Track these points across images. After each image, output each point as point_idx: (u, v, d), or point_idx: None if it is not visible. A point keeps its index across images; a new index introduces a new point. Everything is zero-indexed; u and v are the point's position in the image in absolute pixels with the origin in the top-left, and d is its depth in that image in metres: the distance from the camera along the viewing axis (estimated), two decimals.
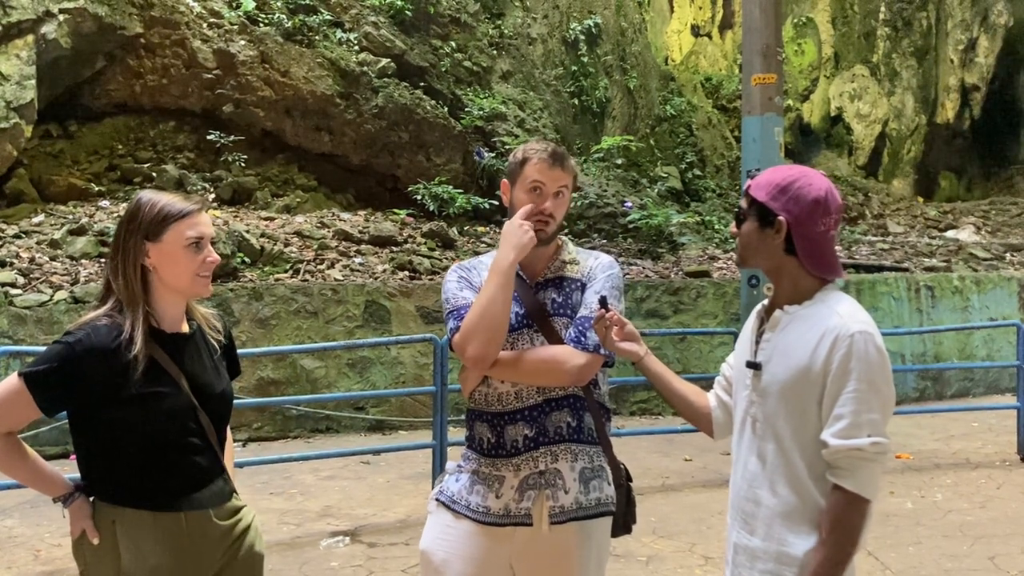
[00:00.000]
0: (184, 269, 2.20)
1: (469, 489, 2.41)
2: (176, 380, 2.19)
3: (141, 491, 2.17)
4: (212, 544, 2.24)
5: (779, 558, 2.02)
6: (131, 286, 2.17)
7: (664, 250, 11.09)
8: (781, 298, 2.11)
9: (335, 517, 5.77)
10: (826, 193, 2.04)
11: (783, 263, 2.08)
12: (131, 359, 2.11)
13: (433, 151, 11.26)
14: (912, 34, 19.36)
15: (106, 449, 2.17)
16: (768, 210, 2.05)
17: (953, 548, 5.19)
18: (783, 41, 8.62)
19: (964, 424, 8.71)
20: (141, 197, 2.23)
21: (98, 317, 2.16)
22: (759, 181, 2.11)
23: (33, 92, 9.03)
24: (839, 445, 1.93)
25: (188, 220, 2.20)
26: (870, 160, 19.03)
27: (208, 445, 2.26)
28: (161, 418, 2.16)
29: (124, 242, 2.19)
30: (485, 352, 2.31)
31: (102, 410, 2.13)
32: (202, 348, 2.32)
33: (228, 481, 2.33)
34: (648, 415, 8.98)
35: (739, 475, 2.15)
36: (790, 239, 2.04)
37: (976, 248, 13.10)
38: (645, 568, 4.85)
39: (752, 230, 2.09)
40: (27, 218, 9.02)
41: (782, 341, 2.06)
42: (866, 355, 1.94)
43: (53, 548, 5.11)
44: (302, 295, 8.09)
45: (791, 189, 2.04)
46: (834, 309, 2.01)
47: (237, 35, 10.51)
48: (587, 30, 13.41)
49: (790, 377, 2.01)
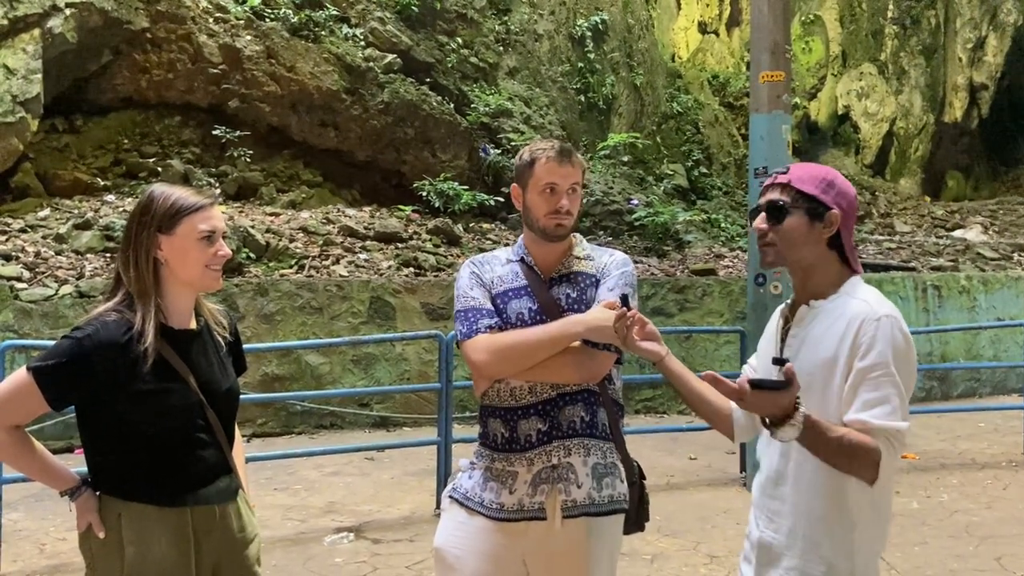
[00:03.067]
0: (196, 262, 2.20)
1: (482, 486, 2.41)
2: (184, 377, 2.18)
3: (148, 486, 2.17)
4: (216, 540, 2.24)
5: (804, 555, 2.01)
6: (143, 278, 2.17)
7: (670, 248, 11.07)
8: (808, 293, 2.10)
9: (339, 513, 5.77)
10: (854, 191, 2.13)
11: (824, 257, 2.08)
12: (140, 354, 2.11)
13: (439, 147, 11.25)
14: (920, 32, 19.28)
15: (113, 444, 2.17)
16: (819, 203, 2.05)
17: (959, 548, 5.16)
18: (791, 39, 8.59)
19: (970, 424, 8.68)
20: (154, 190, 2.24)
21: (107, 312, 2.16)
22: (801, 176, 2.09)
23: (39, 86, 9.03)
24: (880, 425, 1.90)
25: (201, 214, 2.20)
26: (877, 159, 18.96)
27: (215, 442, 2.26)
28: (168, 414, 2.16)
29: (136, 234, 2.19)
30: (497, 373, 2.35)
31: (110, 405, 2.13)
32: (209, 345, 2.31)
33: (234, 478, 2.33)
34: (653, 413, 8.96)
35: (765, 473, 2.14)
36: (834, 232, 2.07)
37: (983, 248, 13.05)
38: (650, 566, 4.84)
39: (801, 223, 2.06)
40: (33, 212, 9.03)
41: (809, 335, 2.05)
42: (892, 339, 1.94)
43: (58, 542, 5.11)
44: (307, 291, 8.09)
45: (836, 184, 2.08)
46: (859, 298, 2.02)
47: (243, 30, 10.50)
48: (594, 27, 13.37)
49: (817, 370, 2.00)
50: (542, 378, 2.35)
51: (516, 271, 2.46)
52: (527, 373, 2.34)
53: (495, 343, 2.33)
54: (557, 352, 2.32)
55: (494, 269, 2.47)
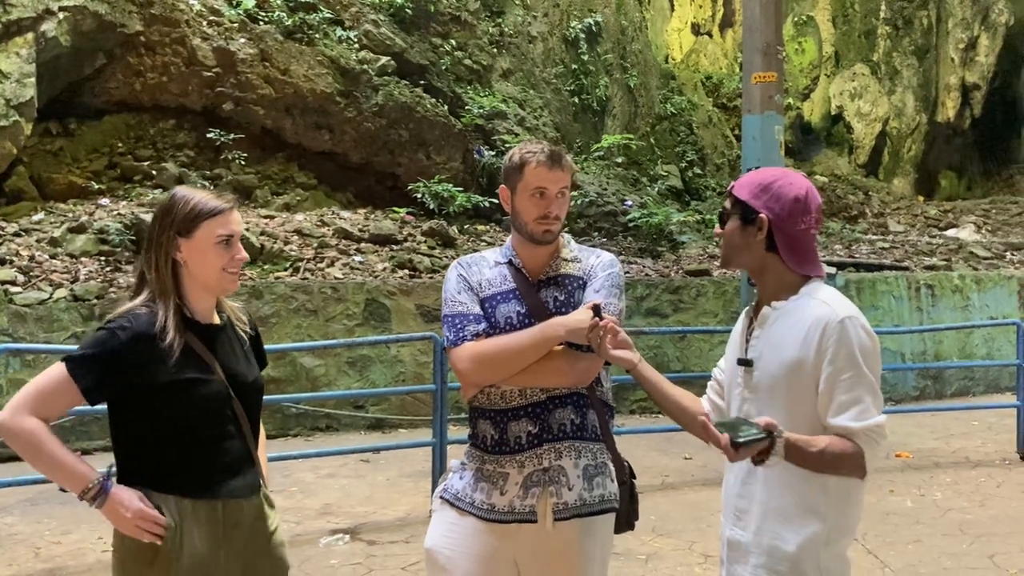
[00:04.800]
0: (213, 265, 2.26)
1: (473, 486, 2.41)
2: (211, 366, 2.24)
3: (180, 478, 2.21)
4: (243, 534, 2.28)
5: (772, 552, 2.04)
6: (163, 279, 2.24)
7: (664, 249, 11.09)
8: (767, 295, 2.15)
9: (335, 515, 5.78)
10: (806, 192, 2.10)
11: (766, 261, 2.12)
12: (169, 346, 2.17)
13: (433, 149, 11.26)
14: (913, 33, 19.35)
15: (146, 437, 2.20)
16: (750, 208, 2.10)
17: (953, 546, 5.18)
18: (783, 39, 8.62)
19: (964, 423, 8.71)
20: (176, 193, 2.30)
21: (136, 306, 2.23)
22: (742, 181, 2.17)
23: (33, 90, 9.02)
24: (859, 427, 1.96)
25: (220, 218, 2.26)
26: (870, 159, 19.02)
27: (241, 434, 2.31)
28: (197, 405, 2.21)
29: (158, 236, 2.25)
30: (484, 381, 2.35)
31: (142, 397, 2.17)
32: (233, 339, 2.38)
33: (259, 473, 2.37)
34: (648, 413, 8.97)
35: (733, 472, 2.16)
36: (771, 237, 2.09)
37: (976, 247, 13.10)
38: (645, 566, 4.85)
39: (735, 228, 2.13)
40: (27, 216, 9.02)
41: (771, 336, 2.09)
42: (858, 339, 1.99)
43: (53, 545, 5.11)
44: (302, 293, 8.09)
45: (772, 188, 2.10)
46: (819, 299, 2.05)
47: (237, 33, 10.50)
48: (587, 28, 13.40)
49: (782, 370, 2.04)
50: (532, 384, 2.36)
51: (504, 274, 2.46)
52: (516, 379, 2.34)
53: (480, 351, 2.33)
54: (545, 357, 2.32)
55: (482, 272, 2.47)
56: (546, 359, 2.33)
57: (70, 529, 5.37)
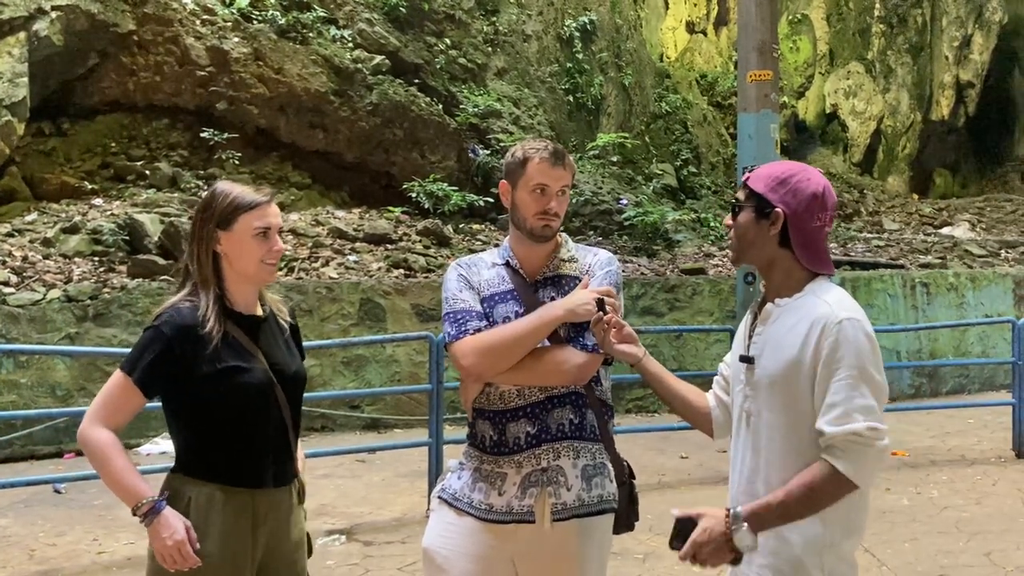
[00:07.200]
0: (251, 256, 2.33)
1: (471, 487, 2.41)
2: (253, 355, 2.33)
3: (221, 466, 2.29)
4: (270, 525, 2.34)
5: (776, 551, 2.01)
6: (204, 270, 2.33)
7: (660, 247, 11.09)
8: (772, 292, 2.12)
9: (331, 515, 5.76)
10: (824, 189, 2.07)
11: (777, 256, 2.08)
12: (208, 333, 2.26)
13: (428, 148, 11.24)
14: (907, 31, 19.38)
15: (192, 425, 2.31)
16: (766, 201, 2.06)
17: (949, 544, 5.19)
18: (778, 38, 8.62)
19: (960, 421, 8.72)
20: (216, 187, 2.39)
21: (179, 301, 2.32)
22: (758, 173, 2.12)
23: (25, 90, 8.98)
24: (835, 432, 1.92)
25: (257, 211, 2.33)
26: (865, 157, 19.05)
27: (283, 425, 2.38)
28: (241, 392, 2.29)
29: (200, 229, 2.35)
30: (486, 373, 2.34)
31: (189, 387, 2.26)
32: (275, 329, 2.46)
33: (293, 463, 2.45)
34: (644, 413, 8.97)
35: (737, 470, 2.15)
36: (785, 232, 2.05)
37: (971, 245, 13.13)
38: (642, 565, 4.84)
39: (748, 221, 2.09)
40: (20, 216, 8.98)
41: (773, 334, 2.06)
42: (855, 342, 1.94)
43: (47, 547, 5.08)
44: (297, 293, 8.06)
45: (790, 182, 2.06)
46: (822, 299, 2.01)
47: (230, 32, 10.47)
48: (582, 27, 13.39)
49: (781, 369, 2.02)
50: (530, 382, 2.35)
51: (502, 275, 2.46)
52: (515, 378, 2.34)
53: (480, 343, 2.33)
54: (542, 354, 2.32)
55: (480, 272, 2.48)
56: (543, 356, 2.33)
57: (64, 531, 5.35)
